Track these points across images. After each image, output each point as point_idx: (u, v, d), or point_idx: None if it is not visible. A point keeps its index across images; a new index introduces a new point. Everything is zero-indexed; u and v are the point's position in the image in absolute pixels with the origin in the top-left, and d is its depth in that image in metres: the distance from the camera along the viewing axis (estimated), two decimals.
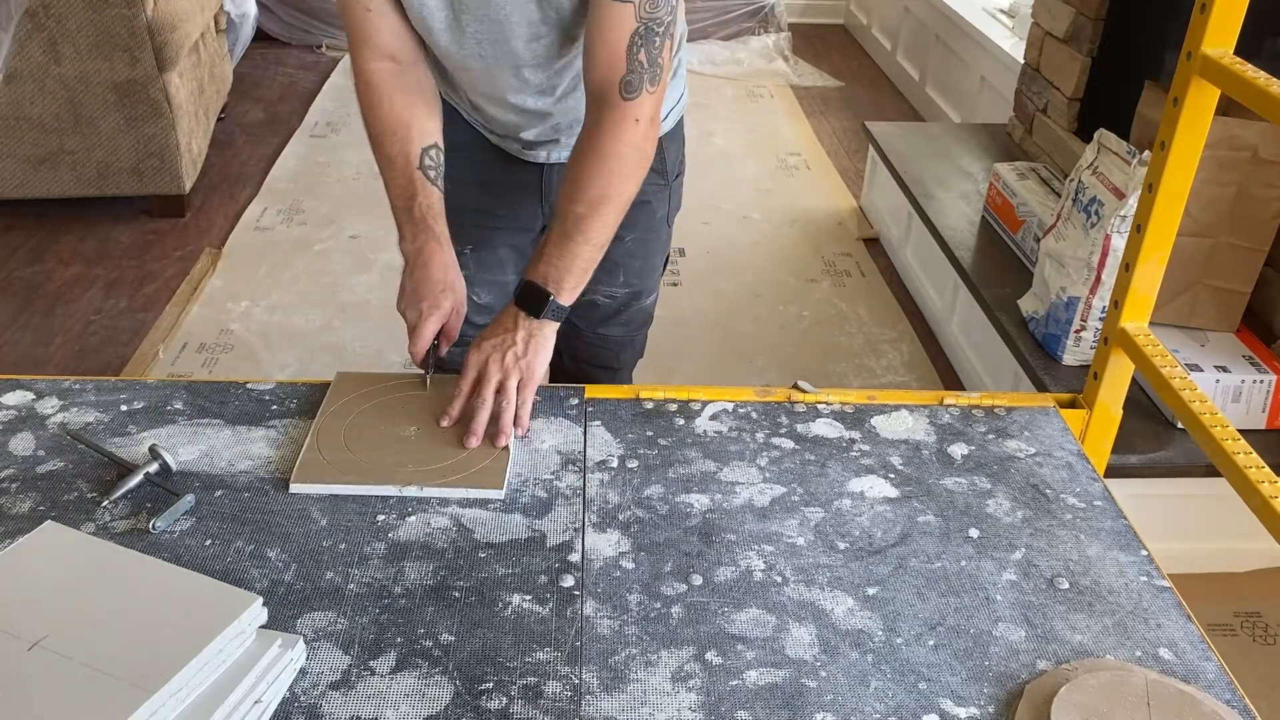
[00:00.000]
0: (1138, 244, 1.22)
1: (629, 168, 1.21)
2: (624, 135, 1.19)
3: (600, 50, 1.17)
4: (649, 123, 1.21)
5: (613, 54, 1.17)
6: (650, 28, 1.17)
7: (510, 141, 1.45)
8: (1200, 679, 0.92)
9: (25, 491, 1.07)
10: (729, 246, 3.30)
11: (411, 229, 1.28)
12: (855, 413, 1.25)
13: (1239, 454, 1.07)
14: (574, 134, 1.42)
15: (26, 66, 2.93)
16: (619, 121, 1.19)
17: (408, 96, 1.29)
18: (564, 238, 1.20)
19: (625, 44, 1.16)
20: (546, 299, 1.19)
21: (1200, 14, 1.11)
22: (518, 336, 1.19)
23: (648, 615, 0.96)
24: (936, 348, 2.83)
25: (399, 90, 1.28)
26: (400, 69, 1.28)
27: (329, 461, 1.12)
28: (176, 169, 3.15)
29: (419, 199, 1.27)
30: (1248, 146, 2.00)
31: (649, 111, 1.21)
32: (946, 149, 3.21)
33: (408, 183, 1.28)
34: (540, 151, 1.45)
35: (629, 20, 1.15)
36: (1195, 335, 2.10)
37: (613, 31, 1.16)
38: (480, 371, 1.18)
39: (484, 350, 1.19)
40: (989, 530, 1.08)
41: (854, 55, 5.20)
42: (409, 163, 1.27)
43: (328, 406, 1.20)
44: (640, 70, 1.18)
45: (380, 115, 1.28)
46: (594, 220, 1.20)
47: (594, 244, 1.21)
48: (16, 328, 2.73)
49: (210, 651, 0.82)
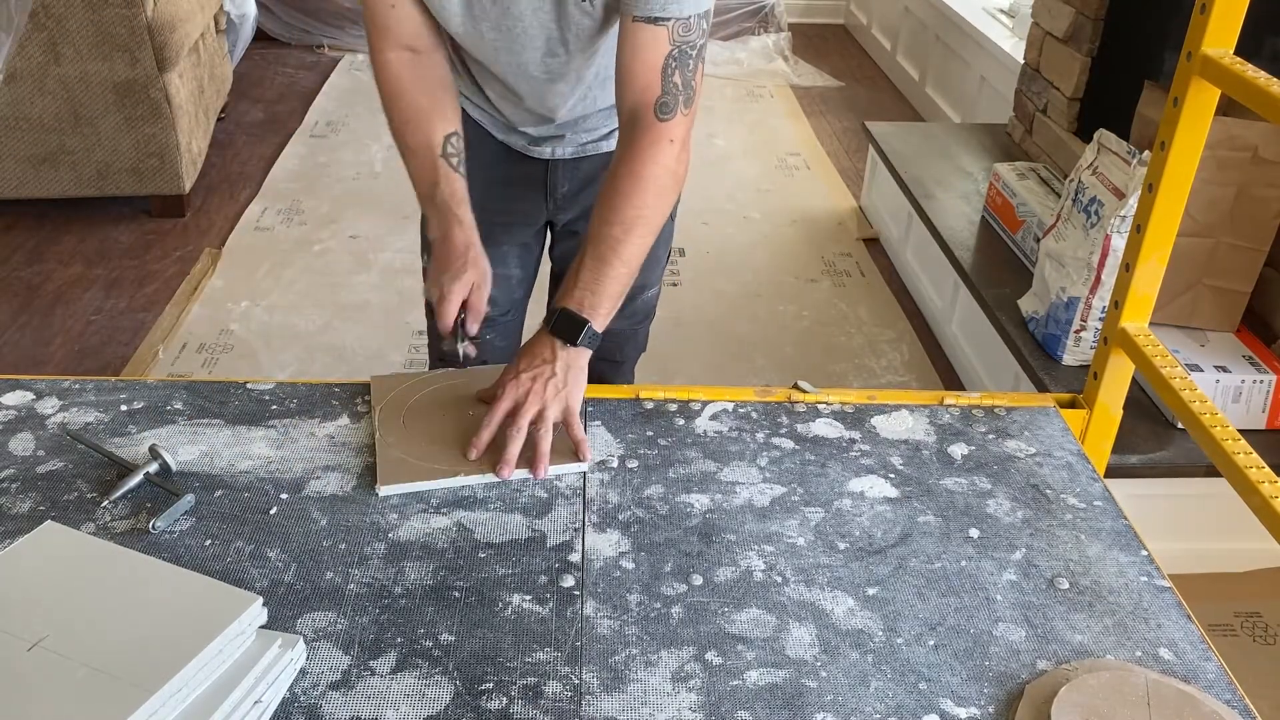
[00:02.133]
0: (1138, 244, 1.22)
1: (664, 189, 1.21)
2: (659, 157, 1.19)
3: (635, 73, 1.18)
4: (682, 145, 1.21)
5: (648, 76, 1.18)
6: (684, 50, 1.18)
7: (515, 136, 1.45)
8: (1200, 679, 0.92)
9: (25, 491, 1.07)
10: (729, 246, 3.30)
11: (435, 215, 1.27)
12: (855, 413, 1.25)
13: (1239, 454, 1.07)
14: (578, 131, 1.44)
15: (26, 66, 2.93)
16: (654, 143, 1.19)
17: (428, 85, 1.29)
18: (599, 262, 1.18)
19: (660, 67, 1.17)
20: (584, 326, 1.16)
21: (1200, 14, 1.11)
22: (556, 367, 1.15)
23: (648, 615, 0.96)
24: (936, 348, 2.83)
25: (419, 79, 1.28)
26: (418, 58, 1.28)
27: (410, 459, 1.12)
28: (176, 169, 3.15)
29: (441, 186, 1.27)
30: (1248, 146, 2.00)
31: (682, 133, 1.21)
32: (946, 149, 3.21)
33: (430, 170, 1.28)
34: (545, 148, 1.45)
35: (663, 43, 1.16)
36: (1195, 335, 2.10)
37: (648, 54, 1.17)
38: (517, 402, 1.14)
39: (521, 382, 1.15)
40: (989, 530, 1.08)
41: (854, 55, 5.20)
42: (431, 150, 1.27)
43: (376, 405, 1.20)
44: (675, 92, 1.19)
45: (402, 105, 1.28)
46: (629, 243, 1.19)
47: (629, 267, 1.19)
48: (16, 328, 2.73)
49: (210, 651, 0.82)
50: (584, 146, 1.47)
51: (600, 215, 1.20)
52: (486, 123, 1.47)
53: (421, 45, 1.28)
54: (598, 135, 1.47)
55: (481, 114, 1.46)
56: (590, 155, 1.48)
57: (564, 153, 1.46)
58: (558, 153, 1.46)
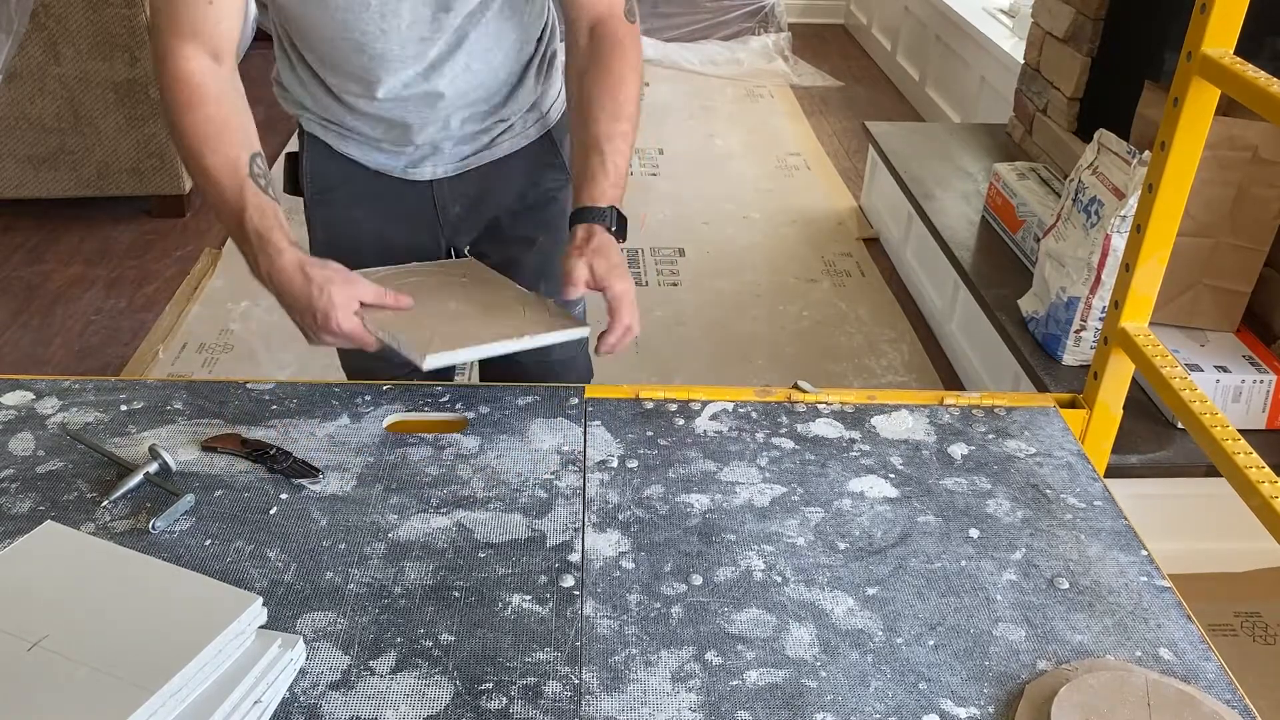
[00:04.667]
0: (1138, 244, 1.22)
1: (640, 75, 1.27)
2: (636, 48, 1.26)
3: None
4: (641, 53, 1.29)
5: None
6: None
7: (385, 156, 1.37)
8: (1200, 679, 0.92)
9: (25, 491, 1.07)
10: (729, 246, 3.30)
11: (250, 251, 1.14)
12: (855, 413, 1.25)
13: (1239, 454, 1.07)
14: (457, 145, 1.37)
15: (26, 66, 2.93)
16: (631, 36, 1.26)
17: (229, 98, 1.16)
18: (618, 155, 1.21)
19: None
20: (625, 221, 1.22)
21: (1200, 14, 1.11)
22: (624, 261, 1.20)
23: (648, 615, 0.96)
24: (936, 348, 2.83)
25: (221, 91, 1.16)
26: (220, 69, 1.16)
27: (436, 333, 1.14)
28: (176, 169, 3.15)
29: (249, 214, 1.13)
30: (1248, 146, 2.00)
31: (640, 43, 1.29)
32: (946, 149, 3.21)
33: (236, 196, 1.13)
34: (425, 167, 1.38)
35: None
36: (1195, 335, 2.10)
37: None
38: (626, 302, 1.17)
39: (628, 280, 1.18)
40: (989, 530, 1.08)
41: (854, 55, 5.20)
42: (237, 171, 1.13)
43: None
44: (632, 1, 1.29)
45: (200, 119, 1.13)
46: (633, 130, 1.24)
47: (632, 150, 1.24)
48: (16, 328, 2.73)
49: (210, 651, 0.82)
50: (465, 161, 1.39)
51: (593, 116, 1.23)
52: (351, 149, 1.37)
53: (225, 52, 1.16)
54: (479, 146, 1.38)
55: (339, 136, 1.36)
56: (474, 169, 1.40)
57: (443, 170, 1.38)
58: (438, 171, 1.38)
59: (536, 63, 1.38)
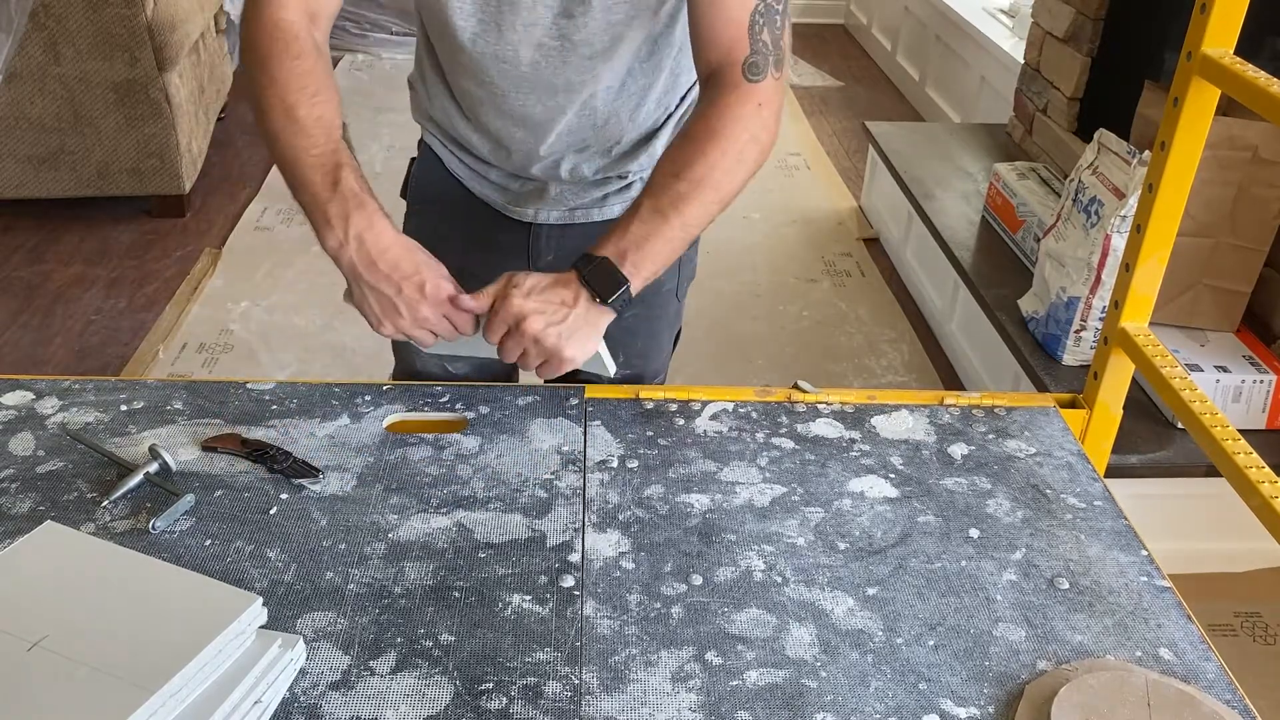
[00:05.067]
0: (1138, 244, 1.22)
1: (743, 155, 1.08)
2: (743, 117, 1.07)
3: (716, 29, 1.07)
4: (772, 114, 1.09)
5: (733, 32, 1.06)
6: (770, 5, 1.07)
7: (493, 188, 1.32)
8: (1200, 679, 0.92)
9: (25, 491, 1.07)
10: (729, 246, 3.30)
11: (342, 208, 1.05)
12: (855, 413, 1.25)
13: (1239, 454, 1.07)
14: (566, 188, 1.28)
15: (26, 66, 2.93)
16: (740, 102, 1.07)
17: (326, 61, 1.10)
18: (656, 214, 1.05)
19: (746, 22, 1.06)
20: (621, 286, 1.04)
21: (1200, 14, 1.11)
22: (572, 314, 1.04)
23: (648, 615, 0.96)
24: (936, 348, 2.83)
25: (320, 49, 1.09)
26: (315, 30, 1.10)
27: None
28: (176, 169, 3.15)
29: (345, 171, 1.06)
30: (1248, 146, 2.00)
31: (773, 100, 1.09)
32: (946, 149, 3.21)
33: (332, 152, 1.05)
34: (528, 209, 1.31)
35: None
36: (1195, 335, 2.10)
37: (732, 7, 1.06)
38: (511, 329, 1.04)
39: (529, 307, 1.02)
40: (989, 530, 1.08)
41: (854, 55, 5.20)
42: (332, 132, 1.06)
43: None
44: (765, 51, 1.07)
45: (300, 69, 1.06)
46: (694, 202, 1.06)
47: (688, 230, 1.07)
48: (16, 328, 2.73)
49: (210, 651, 0.82)
50: (573, 212, 1.31)
51: (663, 169, 1.08)
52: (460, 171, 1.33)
53: (321, 15, 1.10)
54: (589, 200, 1.31)
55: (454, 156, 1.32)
56: (580, 223, 1.32)
57: (549, 217, 1.31)
58: (540, 216, 1.31)
59: (676, 119, 1.27)
